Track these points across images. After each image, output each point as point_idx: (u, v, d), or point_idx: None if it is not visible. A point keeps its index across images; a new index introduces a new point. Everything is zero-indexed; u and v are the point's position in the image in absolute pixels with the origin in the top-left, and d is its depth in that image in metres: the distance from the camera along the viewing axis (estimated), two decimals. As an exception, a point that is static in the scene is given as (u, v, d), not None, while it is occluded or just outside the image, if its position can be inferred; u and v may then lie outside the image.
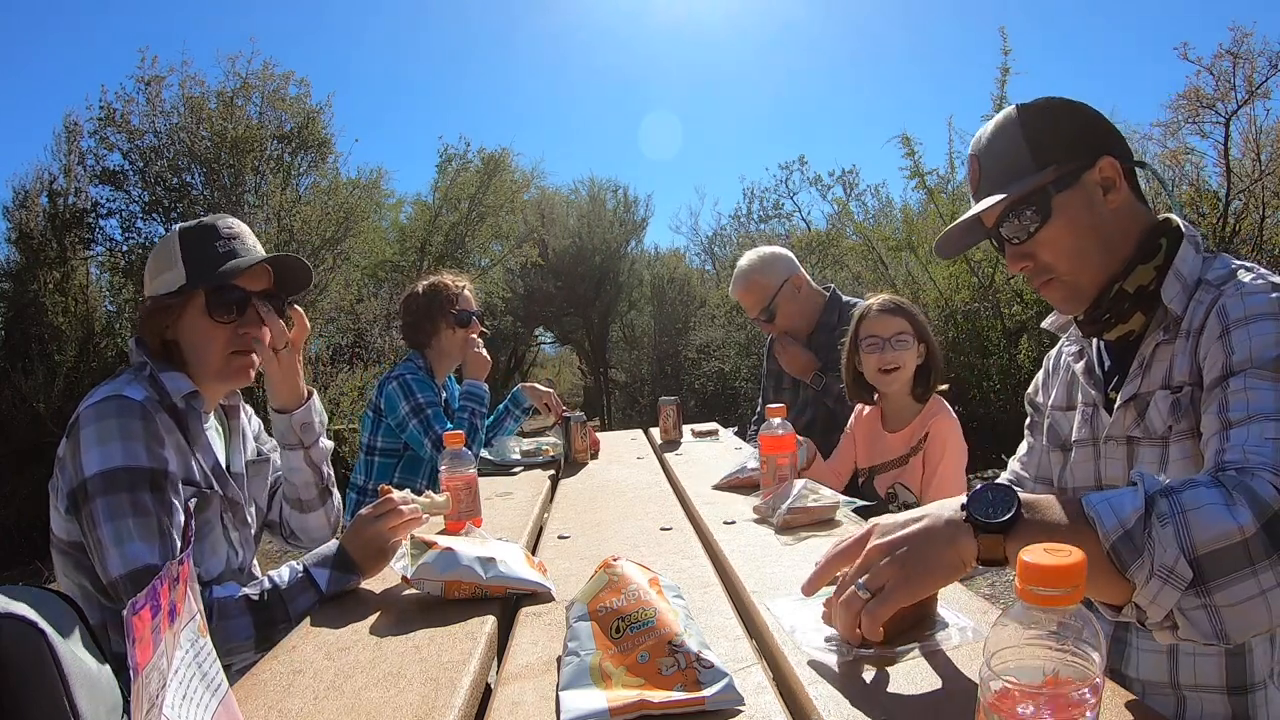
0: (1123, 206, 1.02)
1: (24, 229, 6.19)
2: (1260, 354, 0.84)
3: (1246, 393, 0.83)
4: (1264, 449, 0.76)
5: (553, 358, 18.28)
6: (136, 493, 1.08)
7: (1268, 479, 0.71)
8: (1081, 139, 1.02)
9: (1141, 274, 1.00)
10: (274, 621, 1.11)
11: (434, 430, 2.21)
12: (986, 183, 1.06)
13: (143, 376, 1.20)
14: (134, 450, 1.09)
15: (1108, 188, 1.01)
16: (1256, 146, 5.78)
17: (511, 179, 10.36)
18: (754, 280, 2.44)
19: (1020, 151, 1.03)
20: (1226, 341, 0.88)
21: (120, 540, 1.06)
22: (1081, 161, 1.00)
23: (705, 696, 0.76)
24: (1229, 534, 0.67)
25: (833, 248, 9.06)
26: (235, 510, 1.28)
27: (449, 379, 2.55)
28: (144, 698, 0.54)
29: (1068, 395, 1.19)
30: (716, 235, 13.28)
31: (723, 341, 10.50)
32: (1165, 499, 0.70)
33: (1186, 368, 0.96)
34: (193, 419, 1.23)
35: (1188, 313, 0.96)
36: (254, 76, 6.79)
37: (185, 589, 0.63)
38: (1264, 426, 0.79)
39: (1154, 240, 1.01)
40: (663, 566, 1.13)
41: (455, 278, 2.42)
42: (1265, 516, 0.68)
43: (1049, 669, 0.52)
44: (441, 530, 1.44)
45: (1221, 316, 0.90)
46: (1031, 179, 1.01)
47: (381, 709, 0.81)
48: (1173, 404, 0.96)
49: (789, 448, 1.63)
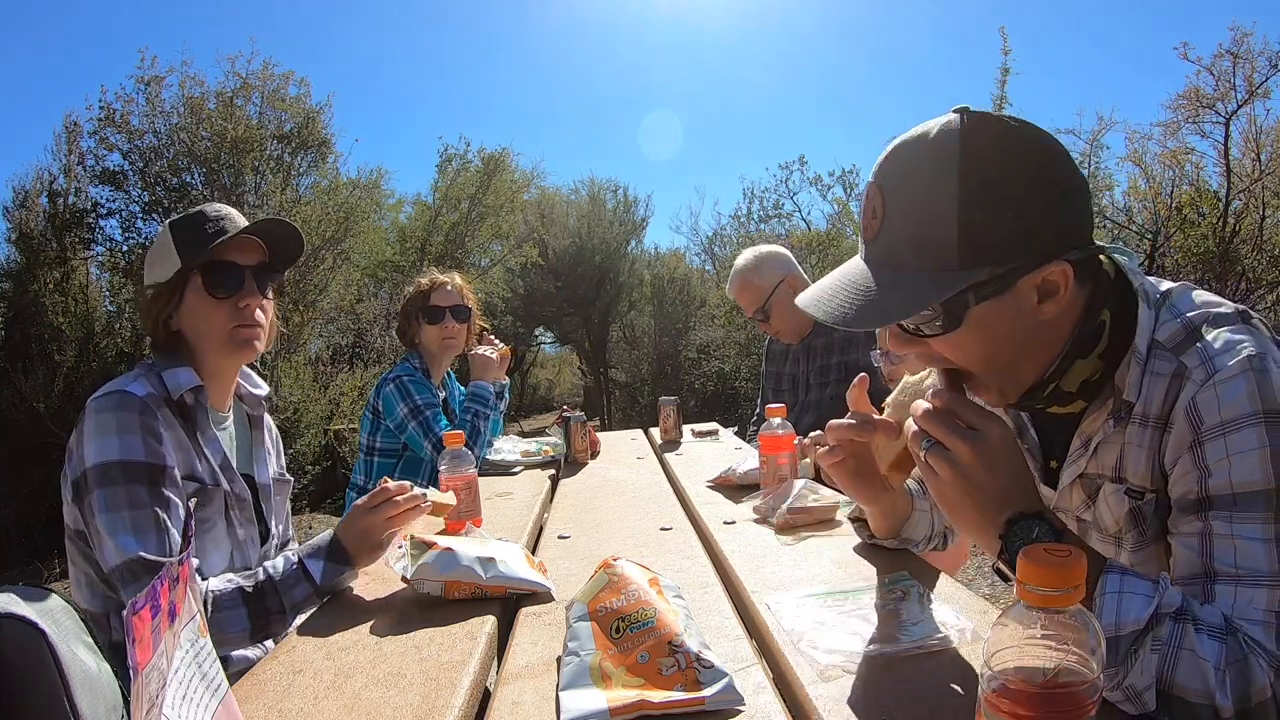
0: (1061, 312, 0.78)
1: (24, 229, 6.18)
2: (1243, 482, 0.71)
3: (1234, 541, 0.71)
4: (1254, 625, 0.69)
5: (553, 358, 18.29)
6: (132, 485, 1.09)
7: (1263, 665, 0.67)
8: (1034, 229, 0.73)
9: (1081, 369, 0.82)
10: (268, 612, 1.12)
11: (434, 433, 2.20)
12: (886, 239, 0.77)
13: (150, 373, 1.22)
14: (130, 445, 1.10)
15: (1047, 295, 0.76)
16: (1256, 146, 5.78)
17: (511, 179, 10.35)
18: (749, 280, 2.44)
19: (945, 228, 0.72)
20: (1200, 456, 0.74)
21: (114, 532, 1.08)
22: (1022, 263, 0.74)
23: (705, 696, 0.76)
24: (1207, 697, 0.65)
25: (833, 248, 9.06)
26: (242, 507, 1.28)
27: (450, 377, 2.54)
28: (144, 698, 0.54)
29: None
30: (716, 235, 13.26)
31: (723, 341, 10.49)
32: (1172, 623, 0.67)
33: (1145, 469, 0.81)
34: (199, 414, 1.24)
35: (1142, 389, 0.79)
36: (254, 76, 6.78)
37: (185, 589, 0.63)
38: (1254, 594, 0.70)
39: (1092, 322, 0.80)
40: (663, 566, 1.13)
41: (437, 275, 2.42)
42: (1244, 706, 0.66)
43: (1049, 669, 0.52)
44: (441, 530, 1.44)
45: (1193, 419, 0.74)
46: (947, 281, 0.73)
47: (381, 709, 0.81)
48: (1132, 513, 0.84)
49: (789, 448, 1.63)
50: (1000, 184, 0.72)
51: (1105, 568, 0.71)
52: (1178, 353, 0.77)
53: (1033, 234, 0.74)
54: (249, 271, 1.27)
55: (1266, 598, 0.69)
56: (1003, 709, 0.53)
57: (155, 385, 1.20)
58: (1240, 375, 0.72)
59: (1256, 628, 0.69)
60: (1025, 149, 0.74)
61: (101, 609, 1.15)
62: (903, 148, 0.77)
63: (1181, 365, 0.77)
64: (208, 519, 1.21)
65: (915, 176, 0.75)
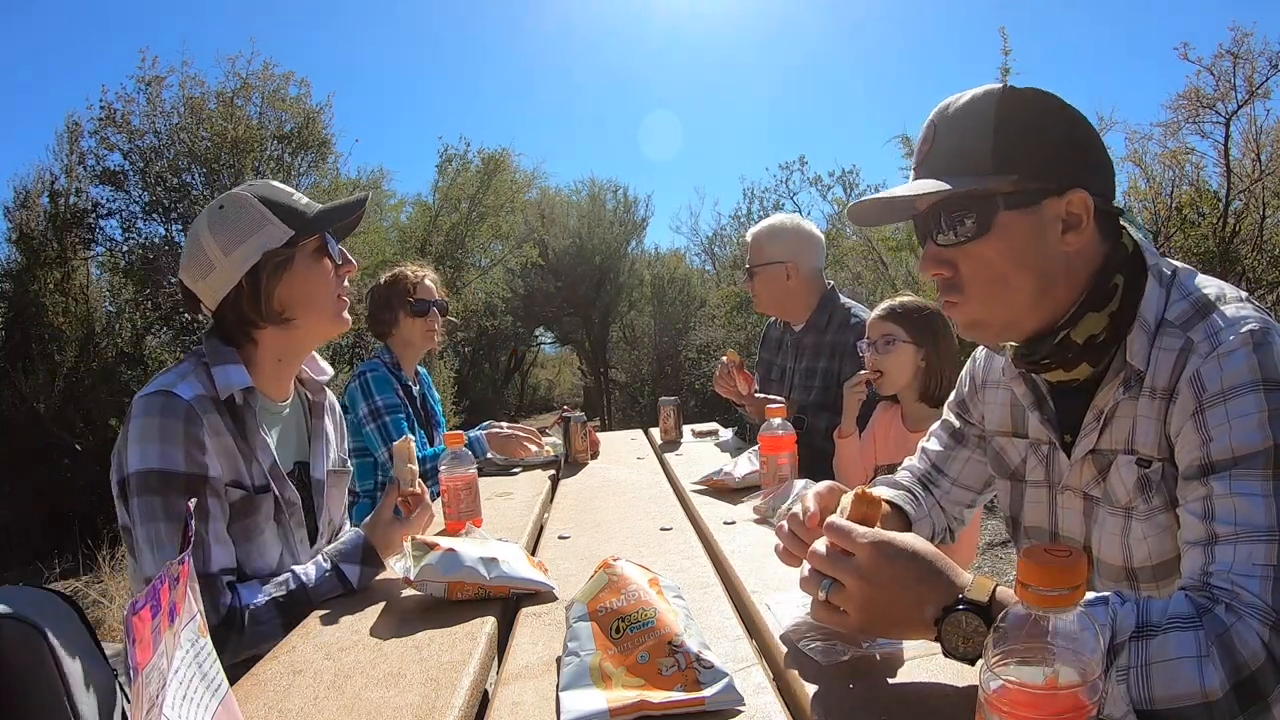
0: (1081, 251, 0.86)
1: (24, 229, 6.19)
2: (1243, 444, 0.74)
3: (1233, 499, 0.73)
4: (1252, 579, 0.69)
5: (553, 358, 18.30)
6: (170, 497, 1.08)
7: (1254, 627, 0.67)
8: (1059, 158, 0.85)
9: (1091, 323, 0.86)
10: (301, 617, 1.12)
11: (393, 442, 2.20)
12: (934, 159, 0.90)
13: (199, 368, 1.17)
14: (170, 454, 1.08)
15: (1070, 226, 0.85)
16: (1257, 146, 5.77)
17: (512, 179, 10.36)
18: (760, 240, 2.38)
19: (982, 141, 0.85)
20: (1202, 422, 0.77)
21: (152, 544, 1.07)
22: (1048, 185, 0.84)
23: (705, 696, 0.76)
24: (1193, 695, 0.64)
25: (833, 248, 9.05)
26: (292, 511, 1.24)
27: (424, 374, 2.54)
28: (144, 698, 0.54)
29: (1012, 421, 1.07)
30: (716, 235, 13.25)
31: (723, 341, 10.49)
32: (1133, 645, 0.66)
33: (1154, 439, 0.85)
34: (249, 415, 1.19)
35: (1150, 364, 0.84)
36: (254, 77, 6.80)
37: (185, 589, 0.63)
38: (1253, 549, 0.71)
39: (1107, 281, 0.86)
40: (663, 566, 1.13)
41: (418, 268, 2.42)
42: (1238, 677, 0.65)
43: (1049, 669, 0.52)
44: (441, 531, 1.44)
45: (1196, 388, 0.78)
46: (983, 180, 0.84)
47: (381, 709, 0.81)
48: (1140, 481, 0.87)
49: (789, 448, 1.63)
50: (1031, 115, 0.86)
51: None
52: (1186, 329, 0.82)
53: (1056, 160, 0.85)
54: (339, 245, 1.28)
55: (1265, 552, 0.70)
56: (1003, 709, 0.53)
57: (204, 383, 1.15)
58: (1242, 348, 0.76)
59: (1255, 582, 0.69)
60: (1059, 104, 0.88)
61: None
62: (955, 99, 0.90)
63: (1189, 340, 0.81)
64: (254, 526, 1.18)
65: (963, 109, 0.88)
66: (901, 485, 1.19)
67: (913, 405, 1.90)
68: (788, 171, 11.12)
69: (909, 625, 0.75)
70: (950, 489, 1.18)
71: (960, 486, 1.18)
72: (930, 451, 1.22)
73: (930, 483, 1.20)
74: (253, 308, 1.19)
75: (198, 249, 1.19)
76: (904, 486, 1.19)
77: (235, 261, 1.18)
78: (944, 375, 1.85)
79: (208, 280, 1.19)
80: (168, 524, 1.08)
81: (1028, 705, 0.52)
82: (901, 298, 1.94)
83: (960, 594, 0.72)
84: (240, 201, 1.21)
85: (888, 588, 0.75)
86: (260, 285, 1.18)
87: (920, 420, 1.88)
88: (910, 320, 1.86)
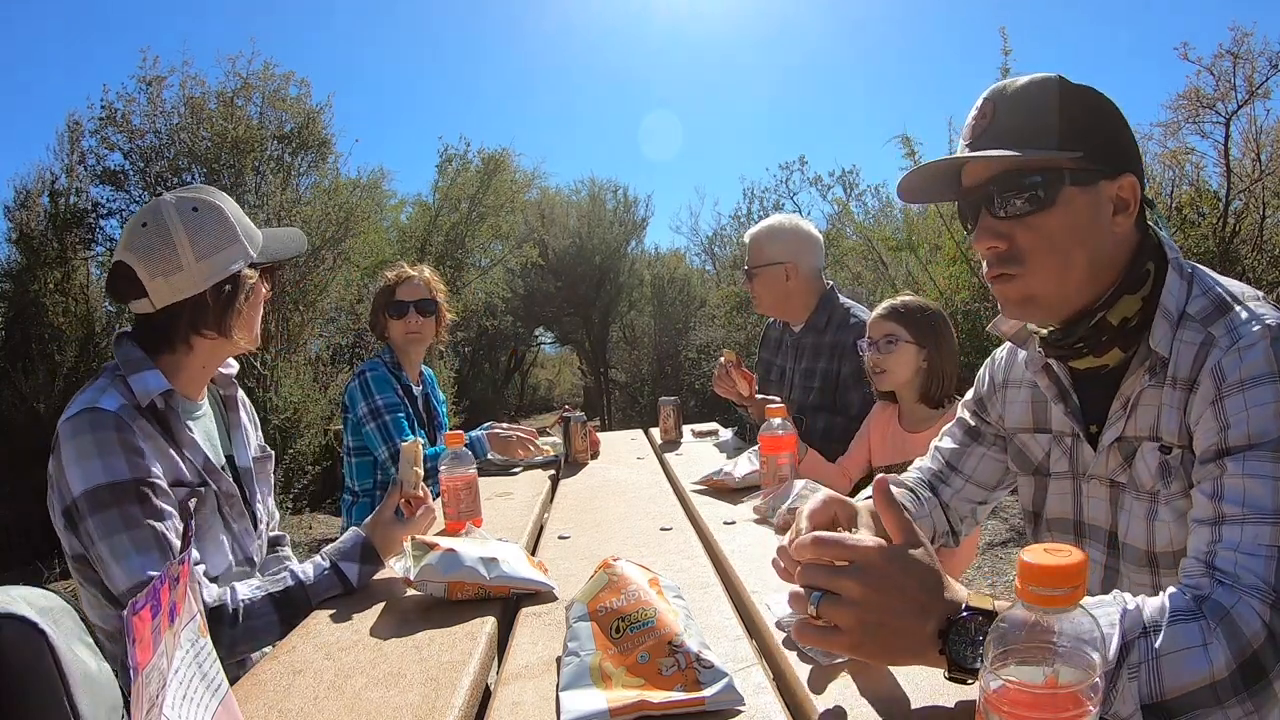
0: (1124, 235, 0.90)
1: (25, 229, 6.19)
2: (1260, 431, 0.77)
3: (1244, 479, 0.76)
4: (1256, 559, 0.72)
5: (553, 358, 18.29)
6: (125, 506, 1.07)
7: (1254, 606, 0.69)
8: (1115, 145, 0.89)
9: (1127, 305, 0.90)
10: (299, 615, 1.13)
11: (393, 441, 2.18)
12: (994, 133, 0.90)
13: (115, 381, 1.17)
14: (114, 465, 1.07)
15: (1120, 209, 0.89)
16: (1257, 146, 5.77)
17: (512, 179, 10.34)
18: (759, 241, 2.38)
19: (1049, 118, 0.87)
20: (1220, 409, 0.80)
21: (118, 556, 1.06)
22: (1105, 168, 0.87)
23: (705, 696, 0.76)
24: (1199, 678, 0.66)
25: (833, 248, 9.05)
26: (232, 503, 1.28)
27: (429, 375, 2.54)
28: (144, 698, 0.54)
29: (1034, 417, 1.08)
30: (716, 235, 13.23)
31: (723, 341, 10.48)
32: (1142, 642, 0.68)
33: (1175, 426, 0.88)
34: (172, 418, 1.20)
35: (1173, 354, 0.87)
36: (254, 77, 6.79)
37: (185, 589, 0.63)
38: (1259, 530, 0.73)
39: (1140, 266, 0.90)
40: (663, 566, 1.13)
41: (406, 268, 2.43)
42: (1242, 656, 0.67)
43: (1049, 669, 0.52)
44: (441, 531, 1.44)
45: (1216, 377, 0.81)
46: (1052, 153, 0.86)
47: (381, 709, 0.81)
48: (1162, 466, 0.90)
49: (789, 448, 1.63)
50: (1090, 101, 0.89)
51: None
52: (1206, 324, 0.85)
53: (1113, 144, 0.89)
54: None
55: (1271, 533, 0.72)
56: (1003, 709, 0.53)
57: (124, 393, 1.15)
58: (1261, 341, 0.80)
59: (1259, 562, 0.71)
60: (1110, 102, 0.91)
61: (117, 627, 1.14)
62: (1011, 81, 0.92)
63: (1210, 335, 0.84)
64: (203, 521, 1.21)
65: (1023, 89, 0.90)
66: (905, 485, 1.19)
67: (912, 406, 1.90)
68: (788, 171, 11.11)
69: (912, 644, 0.70)
70: (964, 486, 1.19)
71: (974, 484, 1.19)
72: (944, 449, 1.23)
73: (941, 481, 1.20)
74: (213, 319, 1.22)
75: (166, 244, 1.17)
76: (907, 486, 1.19)
77: (204, 270, 1.19)
78: (944, 376, 1.85)
79: (170, 280, 1.18)
80: (130, 533, 1.07)
81: (1028, 705, 0.52)
82: (903, 297, 1.93)
83: (963, 602, 0.71)
84: (214, 210, 1.23)
85: (893, 590, 0.70)
86: (233, 300, 1.23)
87: (919, 421, 1.88)
88: (913, 320, 1.85)
